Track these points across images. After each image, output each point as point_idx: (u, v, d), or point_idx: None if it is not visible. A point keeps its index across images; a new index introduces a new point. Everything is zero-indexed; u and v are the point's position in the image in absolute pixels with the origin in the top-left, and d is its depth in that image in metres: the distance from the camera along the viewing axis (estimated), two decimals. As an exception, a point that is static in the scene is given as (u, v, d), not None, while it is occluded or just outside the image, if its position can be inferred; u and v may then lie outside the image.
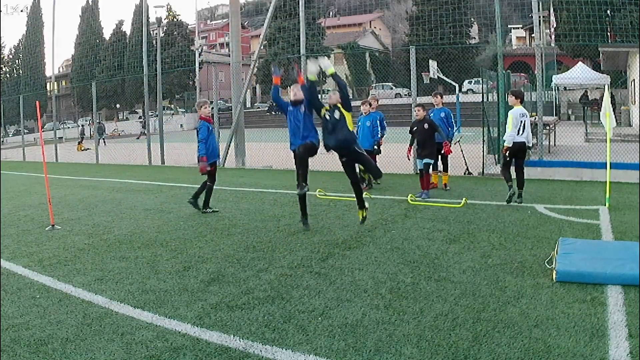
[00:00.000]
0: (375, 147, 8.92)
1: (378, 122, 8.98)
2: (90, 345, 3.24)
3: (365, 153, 6.11)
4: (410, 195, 7.84)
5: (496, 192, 8.22)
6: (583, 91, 27.37)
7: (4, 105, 34.80)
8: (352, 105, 6.03)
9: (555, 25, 32.20)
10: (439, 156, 8.57)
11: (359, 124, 9.05)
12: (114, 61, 44.42)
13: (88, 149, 23.97)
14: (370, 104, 9.13)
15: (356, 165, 6.30)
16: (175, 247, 5.57)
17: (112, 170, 14.65)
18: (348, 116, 5.85)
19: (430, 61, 24.64)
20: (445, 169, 8.78)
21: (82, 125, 32.61)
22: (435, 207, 7.23)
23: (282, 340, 3.23)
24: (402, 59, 41.58)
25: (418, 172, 8.49)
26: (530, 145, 7.72)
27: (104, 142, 25.08)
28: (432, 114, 8.71)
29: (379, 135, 8.94)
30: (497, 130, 10.52)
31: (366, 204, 6.17)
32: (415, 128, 8.13)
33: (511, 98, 7.46)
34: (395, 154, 10.09)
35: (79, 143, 26.20)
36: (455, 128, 10.01)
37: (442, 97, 9.06)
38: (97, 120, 22.91)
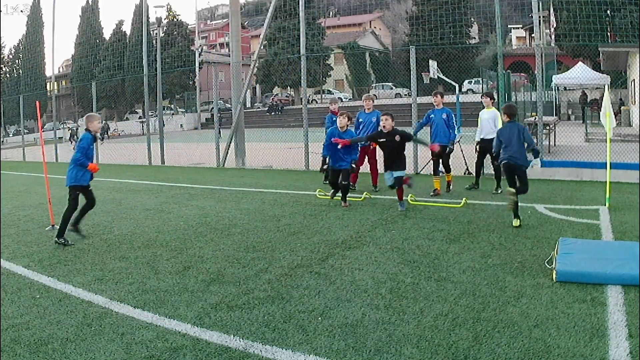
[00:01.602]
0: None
1: (375, 119, 8.98)
2: (90, 345, 3.24)
3: None
4: (410, 195, 7.82)
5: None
6: (582, 92, 27.38)
7: (4, 105, 34.85)
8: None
9: (555, 25, 32.21)
10: (439, 160, 8.44)
11: (365, 121, 9.03)
12: (114, 61, 44.39)
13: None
14: (373, 100, 9.22)
15: None
16: (175, 247, 5.57)
17: (112, 170, 14.63)
18: None
19: (430, 61, 24.53)
20: (448, 170, 8.61)
21: (79, 125, 32.58)
22: (435, 207, 7.24)
23: (282, 340, 3.23)
24: (402, 59, 41.62)
25: (388, 187, 7.30)
26: None
27: (102, 140, 25.03)
28: (433, 115, 8.57)
29: None
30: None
31: None
32: (383, 140, 7.15)
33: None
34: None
35: (78, 143, 26.15)
36: (455, 129, 9.96)
37: (442, 97, 8.73)
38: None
